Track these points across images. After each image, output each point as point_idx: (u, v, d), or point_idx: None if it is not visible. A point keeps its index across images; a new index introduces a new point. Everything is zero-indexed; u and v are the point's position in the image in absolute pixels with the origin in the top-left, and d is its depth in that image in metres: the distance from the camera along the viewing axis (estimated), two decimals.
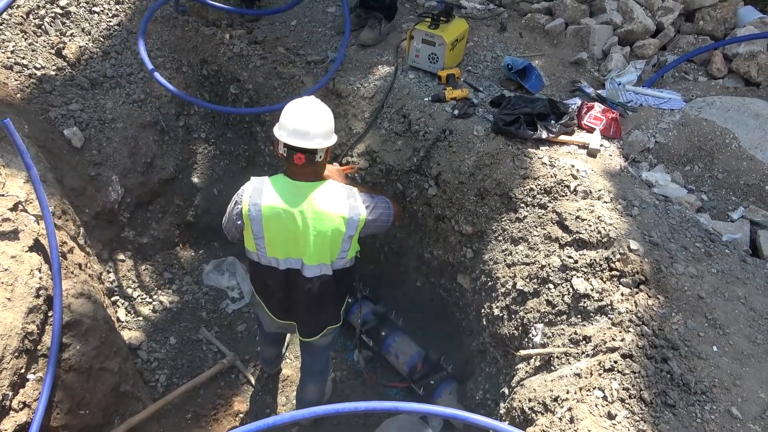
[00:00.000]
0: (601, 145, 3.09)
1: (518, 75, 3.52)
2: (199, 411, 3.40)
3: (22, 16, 3.65)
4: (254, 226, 2.47)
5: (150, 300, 3.91)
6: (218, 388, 3.57)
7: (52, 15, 3.81)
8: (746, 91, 3.56)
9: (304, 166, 2.43)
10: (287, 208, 2.43)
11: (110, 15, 4.07)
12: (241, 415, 3.45)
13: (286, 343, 3.80)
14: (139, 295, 3.88)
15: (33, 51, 3.62)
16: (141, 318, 3.79)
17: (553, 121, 3.10)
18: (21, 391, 2.41)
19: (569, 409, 1.93)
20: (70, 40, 3.82)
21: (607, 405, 1.89)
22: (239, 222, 2.51)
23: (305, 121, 2.38)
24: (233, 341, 3.86)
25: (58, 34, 3.81)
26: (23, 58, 3.54)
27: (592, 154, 3.03)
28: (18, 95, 3.40)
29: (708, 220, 2.79)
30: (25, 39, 3.62)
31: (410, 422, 3.15)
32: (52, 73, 3.62)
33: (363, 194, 2.59)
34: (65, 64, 3.72)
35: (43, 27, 3.75)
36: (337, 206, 2.46)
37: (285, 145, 2.40)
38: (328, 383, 3.47)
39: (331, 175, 2.72)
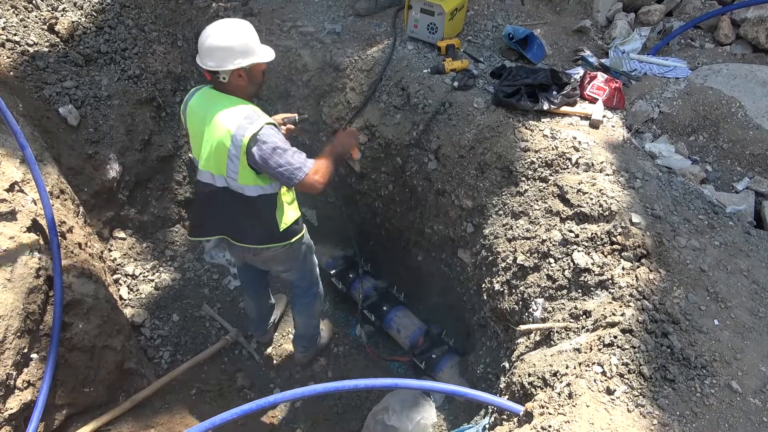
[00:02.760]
0: (604, 116, 3.03)
1: (519, 44, 3.44)
2: (204, 387, 3.43)
3: None
4: (184, 120, 2.74)
5: (152, 278, 3.91)
6: (222, 364, 3.61)
7: None
8: (754, 57, 3.47)
9: (213, 81, 2.60)
10: (198, 111, 2.63)
11: None
12: (245, 390, 3.49)
13: (279, 312, 3.82)
14: (141, 273, 3.88)
15: (25, 27, 3.55)
16: (143, 296, 3.80)
17: (554, 92, 3.04)
18: (25, 370, 2.43)
19: (568, 384, 1.93)
20: (62, 15, 3.74)
21: (606, 380, 1.88)
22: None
23: (203, 37, 2.51)
24: (236, 317, 3.88)
25: (49, 9, 3.73)
26: (15, 34, 3.47)
27: (595, 125, 2.98)
28: (11, 73, 3.35)
29: (712, 192, 2.75)
30: (16, 15, 3.54)
31: (412, 396, 3.18)
32: (45, 49, 3.55)
33: (276, 136, 2.51)
34: (58, 40, 3.65)
35: (34, 2, 3.67)
36: (229, 120, 2.50)
37: None
38: (316, 322, 3.54)
39: (339, 137, 2.91)
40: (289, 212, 2.84)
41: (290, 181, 2.55)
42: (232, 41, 2.48)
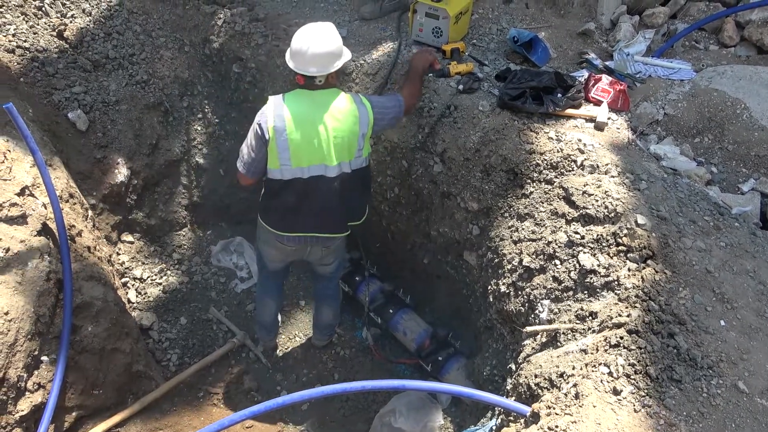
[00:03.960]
0: (609, 118, 3.04)
1: (524, 48, 3.45)
2: (211, 389, 3.46)
3: None
4: (279, 138, 2.66)
5: (160, 281, 3.95)
6: (229, 366, 3.63)
7: None
8: (759, 59, 3.47)
9: (307, 84, 2.71)
10: (308, 116, 2.68)
11: None
12: (252, 393, 3.51)
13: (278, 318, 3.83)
14: (149, 276, 3.92)
15: (34, 34, 3.59)
16: (151, 299, 3.84)
17: (559, 95, 3.05)
18: (35, 372, 2.47)
19: (575, 385, 1.94)
20: (71, 22, 3.79)
21: (612, 381, 1.89)
22: (266, 137, 2.67)
23: (304, 45, 2.61)
24: (243, 320, 3.90)
25: (58, 15, 3.78)
26: (25, 41, 3.52)
27: (600, 127, 2.99)
28: (21, 79, 3.39)
29: (717, 193, 2.76)
30: (26, 21, 3.60)
31: (419, 398, 3.19)
32: (55, 55, 3.60)
33: (375, 98, 2.90)
34: (67, 46, 3.69)
35: (43, 9, 3.72)
36: (349, 110, 2.71)
37: None
38: (339, 308, 3.71)
39: (415, 58, 3.14)
40: None
41: (400, 113, 2.91)
42: (332, 47, 2.66)
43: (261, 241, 3.17)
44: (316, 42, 2.60)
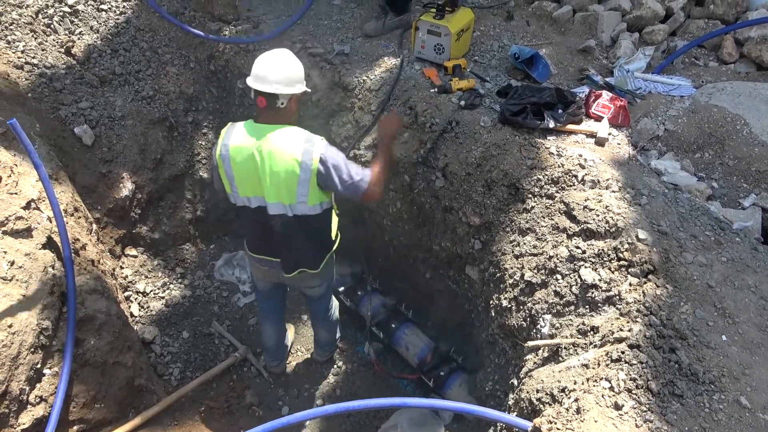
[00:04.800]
0: (609, 134, 3.06)
1: (525, 64, 3.49)
2: (213, 404, 3.45)
3: (31, 16, 3.69)
4: (225, 165, 2.64)
5: (162, 295, 3.96)
6: (231, 381, 3.62)
7: (61, 14, 3.84)
8: (758, 76, 3.49)
9: (266, 109, 2.60)
10: (247, 147, 2.58)
11: (118, 12, 4.09)
12: (254, 408, 3.50)
13: (290, 341, 3.81)
14: (151, 290, 3.93)
15: (43, 50, 3.66)
16: (154, 313, 3.84)
17: (560, 111, 3.08)
18: (38, 385, 2.46)
19: (576, 400, 1.93)
20: (78, 39, 3.85)
21: (614, 395, 1.88)
22: (215, 163, 2.69)
23: (266, 67, 2.57)
24: (245, 335, 3.90)
25: (66, 32, 3.85)
26: (33, 57, 3.58)
27: (600, 142, 3.01)
28: (29, 94, 3.44)
29: (718, 208, 2.76)
30: (35, 38, 3.66)
31: (421, 414, 3.17)
32: (62, 71, 3.66)
33: (334, 151, 2.62)
34: (74, 62, 3.75)
35: (52, 26, 3.78)
36: (291, 147, 2.55)
37: (252, 89, 2.60)
38: (337, 325, 3.68)
39: (382, 124, 3.03)
40: (335, 219, 3.02)
41: (356, 194, 2.66)
42: (294, 69, 2.63)
43: (247, 258, 3.20)
44: (279, 62, 2.59)
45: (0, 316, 2.29)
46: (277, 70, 2.56)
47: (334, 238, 3.01)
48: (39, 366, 2.46)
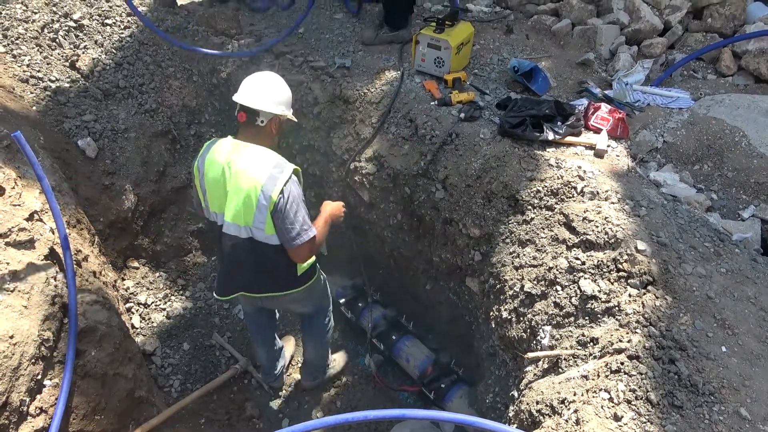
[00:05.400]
0: (608, 146, 3.08)
1: (525, 77, 3.52)
2: (213, 416, 3.44)
3: (37, 30, 3.75)
4: (200, 177, 2.65)
5: (164, 306, 3.96)
6: (231, 393, 3.61)
7: (66, 29, 3.90)
8: (756, 88, 3.52)
9: (246, 125, 2.60)
10: (218, 161, 2.57)
11: (122, 27, 4.15)
12: (254, 420, 3.49)
13: (289, 354, 3.79)
14: (153, 302, 3.94)
15: (48, 64, 3.71)
16: (155, 324, 3.85)
17: (559, 123, 3.10)
18: (38, 397, 2.46)
19: (575, 411, 1.93)
20: (83, 53, 3.91)
21: (613, 406, 1.88)
22: (192, 174, 2.70)
23: (252, 83, 2.62)
24: (246, 347, 3.89)
25: (71, 46, 3.90)
26: (38, 71, 3.63)
27: (599, 154, 3.03)
28: (34, 108, 3.49)
29: (718, 220, 2.77)
30: (41, 52, 3.71)
31: (420, 425, 3.16)
32: (66, 85, 3.70)
33: (297, 192, 2.56)
34: (79, 76, 3.80)
35: (57, 40, 3.84)
36: (258, 169, 2.50)
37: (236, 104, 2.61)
38: (327, 352, 3.58)
39: (326, 209, 2.92)
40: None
41: (290, 242, 2.58)
42: (280, 90, 2.66)
43: None
44: (267, 81, 2.64)
45: (1, 327, 2.30)
46: (261, 88, 2.60)
47: (300, 274, 2.84)
48: (39, 377, 2.46)
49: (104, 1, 4.18)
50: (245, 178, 2.50)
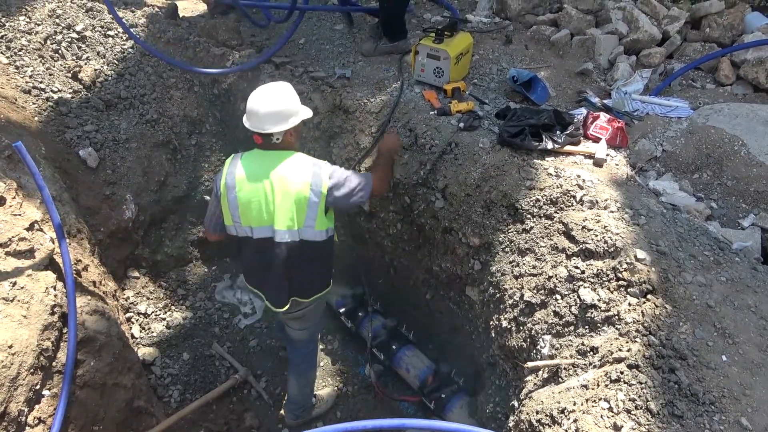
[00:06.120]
0: (608, 155, 3.08)
1: (524, 87, 3.53)
2: (212, 426, 3.42)
3: (40, 42, 3.78)
4: (229, 195, 2.67)
5: (164, 316, 3.96)
6: (231, 403, 3.60)
7: (69, 40, 3.93)
8: (755, 97, 3.53)
9: (264, 145, 2.70)
10: (257, 174, 2.64)
11: (124, 38, 4.19)
12: (254, 430, 3.47)
13: (317, 412, 3.66)
14: (153, 312, 3.94)
15: (50, 75, 3.73)
16: (155, 334, 3.84)
17: (558, 132, 3.11)
18: (36, 407, 2.45)
19: (575, 421, 1.92)
20: (85, 64, 3.94)
21: (612, 416, 1.87)
22: (218, 193, 2.72)
23: (257, 104, 2.62)
24: (246, 356, 3.89)
25: (74, 58, 3.93)
26: (41, 82, 3.65)
27: (599, 163, 3.03)
28: (36, 118, 3.51)
29: (717, 228, 2.76)
30: (43, 64, 3.74)
31: None
32: (69, 96, 3.73)
33: (340, 170, 2.75)
34: (81, 86, 3.83)
35: (60, 52, 3.87)
36: (300, 172, 2.64)
37: None
38: (310, 389, 3.46)
39: (381, 146, 3.11)
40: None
41: (364, 198, 2.80)
42: (284, 104, 2.65)
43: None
44: (269, 100, 2.62)
45: (0, 337, 2.30)
46: (268, 108, 2.60)
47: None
48: (38, 387, 2.46)
49: (106, 12, 4.22)
50: (292, 184, 2.62)
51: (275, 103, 2.62)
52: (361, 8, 4.40)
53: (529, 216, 2.92)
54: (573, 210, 2.76)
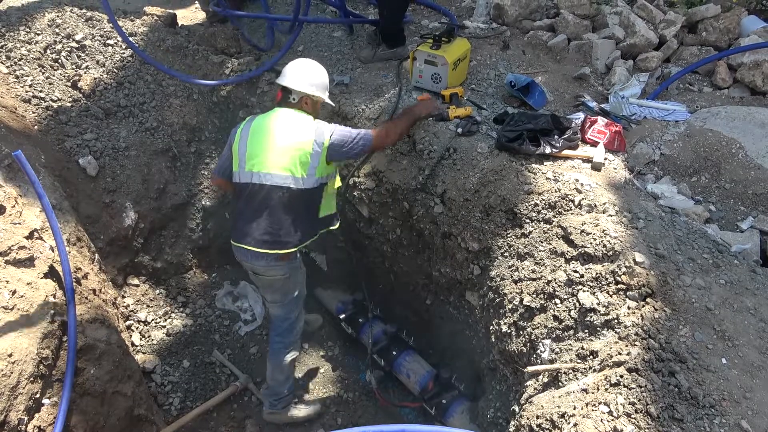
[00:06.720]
0: (606, 159, 3.09)
1: (521, 92, 3.55)
2: None
3: (40, 51, 3.80)
4: (241, 141, 3.01)
5: (164, 324, 3.96)
6: (231, 410, 3.59)
7: (69, 49, 3.95)
8: (752, 100, 3.54)
9: (280, 103, 3.08)
10: (267, 127, 2.98)
11: (123, 47, 4.20)
12: None
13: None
14: (153, 319, 3.93)
15: (50, 84, 3.75)
16: (155, 342, 3.84)
17: (556, 137, 3.11)
18: (36, 415, 2.45)
19: (575, 425, 1.92)
20: (85, 73, 3.95)
21: (613, 420, 1.87)
22: (232, 140, 3.06)
23: (290, 67, 3.08)
24: (246, 363, 3.88)
25: (74, 67, 3.95)
26: (41, 91, 3.67)
27: (596, 167, 3.04)
28: (36, 127, 3.52)
29: (716, 231, 2.77)
30: (43, 73, 3.76)
31: None
32: (68, 104, 3.74)
33: (341, 126, 3.07)
34: (80, 95, 3.84)
35: (59, 61, 3.89)
36: (305, 126, 2.96)
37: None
38: (285, 376, 3.39)
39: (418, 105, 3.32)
40: (332, 201, 3.23)
41: (366, 145, 3.02)
42: (313, 74, 3.07)
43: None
44: (304, 65, 3.07)
45: (0, 345, 2.30)
46: (297, 71, 3.04)
47: (322, 216, 3.16)
48: (38, 396, 2.45)
49: (106, 22, 4.24)
50: (296, 134, 2.92)
51: (307, 69, 3.06)
52: (365, 20, 4.41)
53: (527, 220, 2.92)
54: (571, 214, 2.77)
